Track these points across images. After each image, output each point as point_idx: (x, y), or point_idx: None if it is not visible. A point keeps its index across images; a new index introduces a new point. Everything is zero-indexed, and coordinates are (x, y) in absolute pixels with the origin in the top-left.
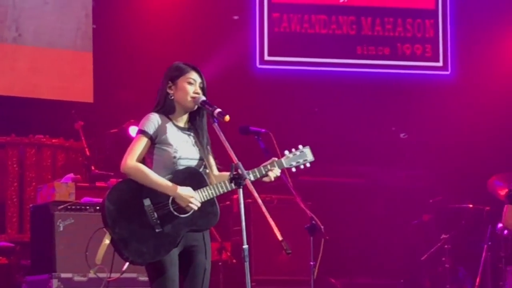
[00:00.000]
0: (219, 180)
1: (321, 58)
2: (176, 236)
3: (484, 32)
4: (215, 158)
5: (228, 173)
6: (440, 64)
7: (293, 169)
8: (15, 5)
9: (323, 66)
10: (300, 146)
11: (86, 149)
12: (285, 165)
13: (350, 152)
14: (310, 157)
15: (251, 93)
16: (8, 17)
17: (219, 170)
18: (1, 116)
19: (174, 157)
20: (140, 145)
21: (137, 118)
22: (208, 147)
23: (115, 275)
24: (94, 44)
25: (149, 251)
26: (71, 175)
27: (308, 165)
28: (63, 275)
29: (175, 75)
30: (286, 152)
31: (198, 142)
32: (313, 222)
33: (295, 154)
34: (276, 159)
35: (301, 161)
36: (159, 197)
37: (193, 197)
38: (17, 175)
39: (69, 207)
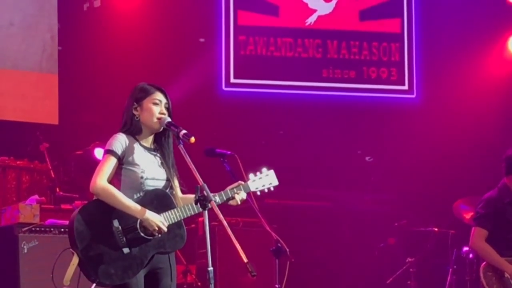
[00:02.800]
0: (183, 202)
1: (287, 81)
2: (144, 258)
3: (450, 56)
4: (179, 180)
5: (192, 195)
6: (406, 87)
7: (258, 193)
8: None
9: (289, 89)
10: (265, 169)
11: (51, 171)
12: (251, 189)
13: (315, 175)
14: (275, 181)
15: (217, 116)
16: None
17: (183, 192)
18: None
19: (141, 177)
20: (109, 165)
21: (102, 140)
22: (174, 168)
23: None
24: (59, 66)
25: (117, 272)
26: (36, 196)
27: (272, 189)
28: None
29: (141, 96)
30: (251, 175)
31: (164, 162)
32: (279, 244)
33: (260, 178)
34: (242, 182)
35: (266, 185)
36: (127, 218)
37: (161, 222)
38: None
39: (33, 229)
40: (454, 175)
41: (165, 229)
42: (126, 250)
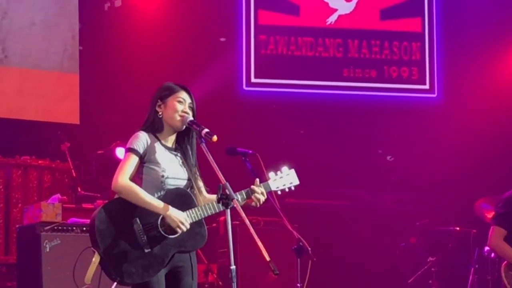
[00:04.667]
0: (208, 202)
1: (308, 81)
2: (165, 256)
3: (471, 55)
4: (203, 180)
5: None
6: (427, 87)
7: (279, 192)
8: (2, 27)
9: (309, 89)
10: (285, 168)
11: (73, 170)
12: (272, 188)
13: (336, 175)
14: (295, 180)
15: (238, 115)
16: None
17: (208, 192)
18: None
19: (162, 176)
20: (130, 163)
21: (124, 140)
22: (196, 169)
23: None
24: (80, 66)
25: (137, 271)
26: (58, 195)
27: (293, 188)
28: None
29: (165, 94)
30: (272, 174)
31: (185, 163)
32: (300, 243)
33: (281, 177)
34: (257, 183)
35: (287, 184)
36: (148, 217)
37: (184, 219)
38: (3, 196)
39: (55, 227)
40: (476, 174)
41: (187, 227)
42: (147, 249)
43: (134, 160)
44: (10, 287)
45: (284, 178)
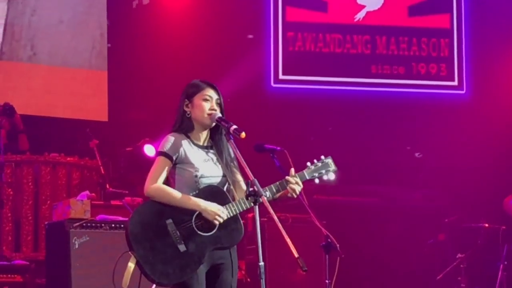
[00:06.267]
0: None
1: (336, 77)
2: (201, 255)
3: (499, 51)
4: (242, 174)
5: None
6: (455, 83)
7: (316, 180)
8: (30, 24)
9: (337, 85)
10: (322, 157)
11: (101, 168)
12: (307, 177)
13: (364, 171)
14: (332, 166)
15: (266, 112)
16: (23, 36)
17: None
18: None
19: (196, 176)
20: (160, 167)
21: (152, 137)
22: (232, 163)
23: None
24: (109, 63)
25: (175, 271)
26: (87, 192)
27: (331, 175)
28: None
29: (192, 92)
30: (308, 163)
31: (220, 158)
32: (329, 240)
33: (316, 165)
34: (292, 173)
35: (323, 171)
36: (181, 216)
37: (220, 210)
38: (32, 193)
39: (84, 224)
40: (505, 170)
41: (225, 217)
42: (182, 248)
43: (164, 163)
44: (39, 283)
45: (319, 167)
